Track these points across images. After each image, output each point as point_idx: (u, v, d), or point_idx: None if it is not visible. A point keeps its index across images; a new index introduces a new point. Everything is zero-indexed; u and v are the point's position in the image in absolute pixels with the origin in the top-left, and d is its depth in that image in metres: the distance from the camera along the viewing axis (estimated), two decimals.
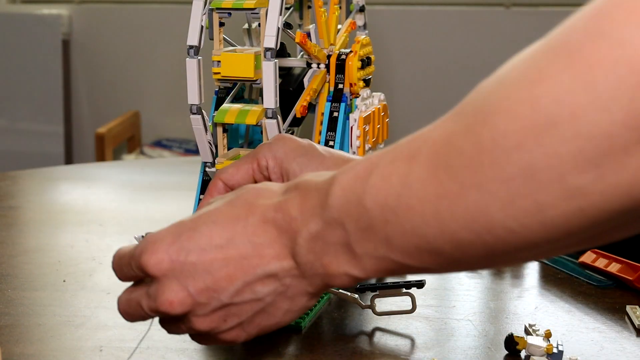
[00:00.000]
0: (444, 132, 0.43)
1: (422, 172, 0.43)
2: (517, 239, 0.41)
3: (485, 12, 2.40)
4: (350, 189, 0.46)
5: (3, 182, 1.08)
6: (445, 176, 0.42)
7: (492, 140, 0.40)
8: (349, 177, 0.47)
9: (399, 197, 0.44)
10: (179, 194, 1.04)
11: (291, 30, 0.70)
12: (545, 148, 0.38)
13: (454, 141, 0.42)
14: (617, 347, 0.65)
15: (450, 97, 2.52)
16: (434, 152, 0.42)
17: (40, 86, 2.60)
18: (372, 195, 0.45)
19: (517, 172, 0.39)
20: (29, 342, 0.64)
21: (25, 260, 0.82)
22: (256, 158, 0.61)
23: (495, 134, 0.40)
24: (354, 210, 0.46)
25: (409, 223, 0.44)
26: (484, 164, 0.40)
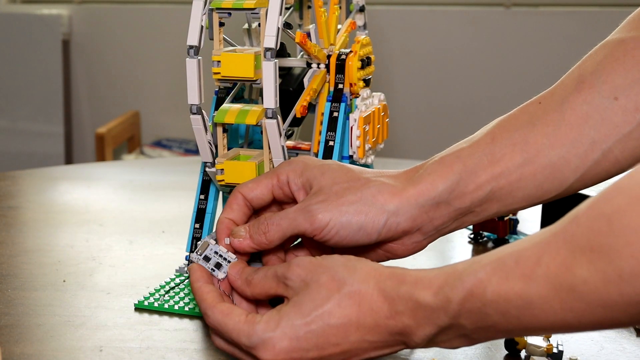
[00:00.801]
0: (559, 260, 0.47)
1: (541, 292, 0.48)
2: (623, 324, 0.48)
3: (485, 12, 2.40)
4: (468, 305, 0.51)
5: (3, 182, 1.08)
6: (569, 297, 0.47)
7: (619, 277, 0.45)
8: (462, 294, 0.51)
9: (521, 309, 0.49)
10: (179, 194, 1.04)
11: (291, 30, 0.70)
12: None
13: (575, 272, 0.46)
14: (617, 347, 0.65)
15: (450, 97, 2.52)
16: (553, 275, 0.47)
17: (40, 86, 2.60)
18: (493, 307, 0.50)
19: (631, 286, 0.44)
20: (29, 342, 0.64)
21: (25, 260, 0.82)
22: (276, 174, 0.63)
23: (622, 273, 0.44)
24: (474, 317, 0.51)
25: (531, 324, 0.49)
26: (611, 294, 0.45)
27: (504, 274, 0.49)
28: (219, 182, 0.71)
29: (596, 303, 0.46)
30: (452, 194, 0.61)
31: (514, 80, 2.38)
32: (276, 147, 0.68)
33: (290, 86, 0.74)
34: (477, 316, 0.50)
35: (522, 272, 0.48)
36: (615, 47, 0.64)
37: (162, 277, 0.76)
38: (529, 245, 0.49)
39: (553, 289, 0.47)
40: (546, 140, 0.61)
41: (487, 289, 0.50)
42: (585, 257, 0.46)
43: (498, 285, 0.49)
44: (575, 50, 2.48)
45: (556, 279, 0.47)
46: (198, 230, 0.74)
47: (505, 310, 0.49)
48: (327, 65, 0.73)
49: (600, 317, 0.46)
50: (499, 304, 0.49)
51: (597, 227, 0.45)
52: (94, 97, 2.69)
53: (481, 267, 0.50)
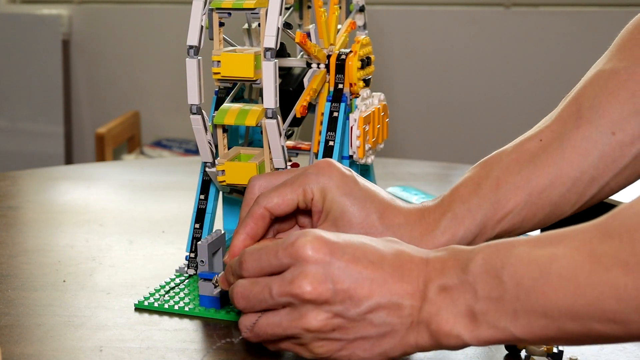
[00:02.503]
0: (589, 246, 0.48)
1: (561, 269, 0.48)
2: (621, 331, 0.47)
3: (485, 12, 2.40)
4: (491, 261, 0.51)
5: (3, 182, 1.08)
6: (585, 282, 0.47)
7: (637, 262, 0.46)
8: (491, 249, 0.52)
9: (535, 281, 0.49)
10: (179, 194, 1.04)
11: (291, 30, 0.70)
12: None
13: (598, 257, 0.47)
14: (617, 347, 0.65)
15: (450, 97, 2.52)
16: (579, 259, 0.48)
17: (40, 86, 2.60)
18: (510, 272, 0.50)
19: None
20: (29, 342, 0.64)
21: (25, 260, 0.82)
22: (303, 189, 0.62)
23: (637, 257, 0.46)
24: (490, 279, 0.51)
25: (540, 306, 0.49)
26: (628, 284, 0.46)
27: (535, 244, 0.50)
28: (220, 182, 0.71)
29: (609, 293, 0.46)
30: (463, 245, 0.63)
31: (514, 80, 2.38)
32: (276, 147, 0.68)
33: (290, 86, 0.74)
34: (492, 280, 0.50)
35: (550, 248, 0.49)
36: (609, 79, 0.66)
37: (162, 277, 0.76)
38: (567, 229, 0.50)
39: (573, 270, 0.48)
40: (548, 182, 0.64)
41: (513, 251, 0.50)
42: (612, 247, 0.47)
43: (524, 252, 0.50)
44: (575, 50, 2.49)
45: (580, 262, 0.47)
46: (198, 230, 0.74)
47: (520, 279, 0.49)
48: (327, 65, 0.73)
49: (609, 312, 0.46)
50: (517, 270, 0.49)
51: (630, 223, 0.47)
52: (94, 97, 2.69)
53: (518, 238, 0.52)
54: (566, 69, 2.28)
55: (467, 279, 0.52)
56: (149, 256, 0.83)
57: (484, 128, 2.41)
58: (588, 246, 0.48)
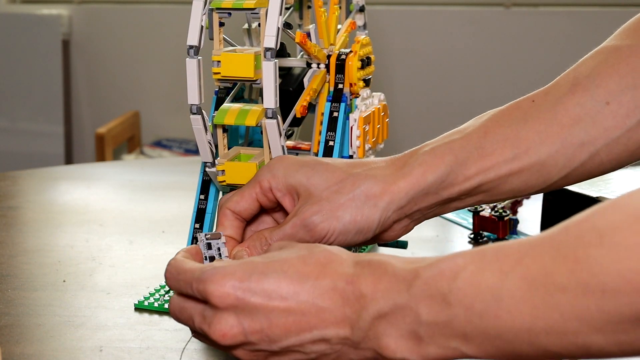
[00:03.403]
0: (540, 263, 0.45)
1: (514, 290, 0.46)
2: (602, 354, 0.45)
3: (485, 12, 2.40)
4: (434, 285, 0.48)
5: (3, 182, 1.08)
6: (542, 303, 0.45)
7: (601, 292, 0.43)
8: (433, 272, 0.49)
9: (488, 306, 0.46)
10: (179, 194, 1.04)
11: (291, 30, 0.70)
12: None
13: (553, 276, 0.45)
14: None
15: (450, 96, 2.52)
16: (531, 277, 0.45)
17: (40, 86, 2.60)
18: (459, 297, 0.47)
19: (620, 317, 0.43)
20: (29, 342, 0.64)
21: (25, 260, 0.82)
22: (257, 182, 0.63)
23: (605, 288, 0.43)
24: (435, 304, 0.48)
25: (493, 328, 0.46)
26: (590, 308, 0.44)
27: (481, 264, 0.47)
28: (220, 182, 0.71)
29: (571, 315, 0.44)
30: (441, 184, 0.62)
31: (514, 80, 2.38)
32: (276, 147, 0.68)
33: (290, 86, 0.73)
34: (438, 305, 0.48)
35: (499, 267, 0.46)
36: (611, 54, 0.65)
37: (162, 277, 0.76)
38: (514, 244, 0.47)
39: (527, 290, 0.45)
40: (537, 138, 0.63)
41: (459, 274, 0.47)
42: (567, 266, 0.44)
43: (472, 274, 0.47)
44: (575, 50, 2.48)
45: (533, 282, 0.45)
46: (198, 230, 0.74)
47: (470, 303, 0.47)
48: (327, 65, 0.73)
49: (572, 333, 0.44)
50: (466, 295, 0.47)
51: (587, 240, 0.44)
52: (94, 97, 2.69)
53: (461, 255, 0.49)
54: (566, 69, 2.28)
55: (407, 304, 0.49)
56: (149, 256, 0.83)
57: None
58: (540, 265, 0.45)
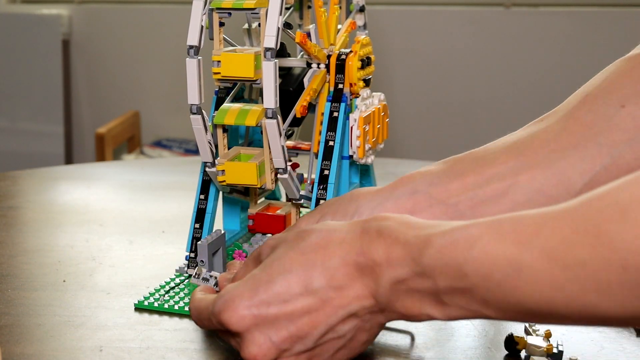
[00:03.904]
0: (560, 235, 0.45)
1: (534, 262, 0.45)
2: (620, 323, 0.46)
3: (485, 12, 2.40)
4: (449, 254, 0.48)
5: (3, 182, 1.08)
6: (562, 276, 0.44)
7: (622, 268, 0.43)
8: (447, 241, 0.48)
9: (507, 276, 0.46)
10: (179, 194, 1.04)
11: (291, 30, 0.70)
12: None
13: (573, 250, 0.44)
14: (617, 347, 0.65)
15: (450, 96, 2.52)
16: (550, 249, 0.45)
17: (40, 86, 2.60)
18: (475, 267, 0.47)
19: (635, 279, 0.43)
20: (29, 342, 0.64)
21: (25, 260, 0.82)
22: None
23: (626, 265, 0.43)
24: (451, 272, 0.48)
25: (513, 297, 0.46)
26: (611, 280, 0.43)
27: (498, 235, 0.46)
28: (220, 182, 0.71)
29: (591, 287, 0.44)
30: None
31: (514, 80, 2.38)
32: (276, 147, 0.68)
33: (290, 86, 0.73)
34: (454, 273, 0.47)
35: (517, 238, 0.46)
36: (622, 63, 0.62)
37: (162, 277, 0.76)
38: (532, 215, 0.47)
39: (547, 262, 0.44)
40: (547, 148, 0.59)
41: (475, 244, 0.47)
42: (588, 241, 0.44)
43: (488, 244, 0.46)
44: (575, 50, 2.49)
45: (552, 254, 0.44)
46: (198, 230, 0.74)
47: (488, 273, 0.46)
48: (327, 65, 0.73)
49: (591, 305, 0.44)
50: (483, 265, 0.46)
51: (609, 214, 0.43)
52: (94, 97, 2.69)
53: (475, 225, 0.48)
54: (566, 69, 2.28)
55: (423, 271, 0.49)
56: (149, 256, 0.83)
57: (484, 128, 2.41)
58: (560, 238, 0.45)
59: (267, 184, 0.71)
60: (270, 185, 0.71)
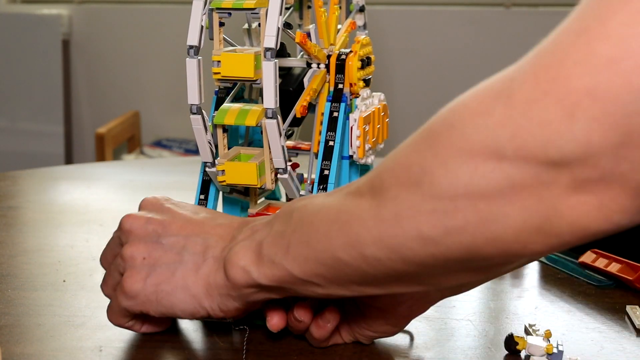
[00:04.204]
0: (355, 198, 0.51)
1: (331, 204, 0.52)
2: (383, 268, 0.50)
3: (485, 12, 2.40)
4: (291, 205, 0.56)
5: (3, 182, 1.09)
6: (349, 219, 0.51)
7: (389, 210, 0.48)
8: (299, 200, 0.57)
9: (312, 215, 0.53)
10: (179, 194, 1.03)
11: (291, 30, 0.70)
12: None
13: (357, 207, 0.50)
14: (617, 347, 0.65)
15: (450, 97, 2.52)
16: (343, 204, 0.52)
17: (40, 86, 2.60)
18: (300, 211, 0.54)
19: (390, 216, 0.48)
20: (29, 342, 0.64)
21: (25, 260, 0.82)
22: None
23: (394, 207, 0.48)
24: (283, 218, 0.56)
25: (306, 235, 0.53)
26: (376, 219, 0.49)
27: (328, 196, 0.54)
28: (220, 182, 0.71)
29: (364, 235, 0.49)
30: None
31: None
32: (276, 147, 0.68)
33: (290, 86, 0.73)
34: (284, 218, 0.55)
35: (340, 191, 0.53)
36: None
37: None
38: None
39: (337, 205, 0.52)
40: None
41: (312, 199, 0.55)
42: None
43: (318, 198, 0.55)
44: None
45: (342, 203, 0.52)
46: None
47: (303, 215, 0.54)
48: (327, 65, 0.73)
49: (363, 243, 0.49)
50: (307, 209, 0.54)
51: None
52: (94, 97, 2.69)
53: (310, 195, 0.57)
54: None
55: (270, 220, 0.57)
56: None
57: None
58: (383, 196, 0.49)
59: (267, 184, 0.71)
60: (270, 185, 0.71)
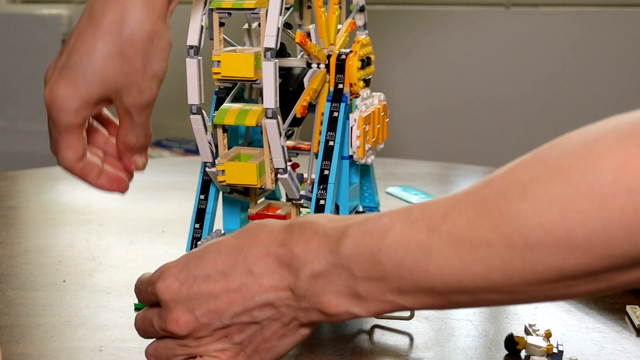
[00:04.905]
0: (466, 218, 0.47)
1: (442, 246, 0.47)
2: (527, 302, 0.49)
3: (485, 12, 2.40)
4: (364, 244, 0.50)
5: (3, 182, 1.08)
6: (469, 258, 0.47)
7: (524, 244, 0.45)
8: (362, 231, 0.50)
9: (418, 261, 0.48)
10: (179, 194, 1.04)
11: (291, 30, 0.70)
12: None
13: (478, 230, 0.46)
14: (617, 347, 0.65)
15: (450, 96, 2.52)
16: (457, 233, 0.47)
17: (40, 86, 2.58)
18: (389, 254, 0.49)
19: (543, 271, 0.45)
20: (29, 342, 0.64)
21: (25, 260, 0.82)
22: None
23: (527, 241, 0.45)
24: (366, 262, 0.50)
25: (425, 282, 0.48)
26: (514, 260, 0.45)
27: (409, 222, 0.49)
28: (220, 182, 0.71)
29: (496, 267, 0.46)
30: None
31: (513, 80, 2.38)
32: (276, 147, 0.68)
33: (290, 86, 0.73)
34: (369, 262, 0.49)
35: (427, 224, 0.48)
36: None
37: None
38: (440, 201, 0.49)
39: (454, 245, 0.47)
40: None
41: (388, 233, 0.49)
42: (491, 220, 0.45)
43: (400, 232, 0.49)
44: (575, 50, 2.49)
45: (459, 237, 0.46)
46: (198, 230, 0.74)
47: (400, 260, 0.48)
48: (327, 65, 0.73)
49: (499, 283, 0.46)
50: (396, 252, 0.49)
51: (510, 193, 0.45)
52: None
53: (388, 214, 0.50)
54: (566, 69, 2.28)
55: (340, 262, 0.50)
56: (149, 256, 0.83)
57: (484, 128, 2.41)
58: (466, 220, 0.47)
59: (267, 184, 0.71)
60: (270, 185, 0.71)
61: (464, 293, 0.48)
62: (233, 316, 0.54)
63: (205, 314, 0.54)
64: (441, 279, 0.48)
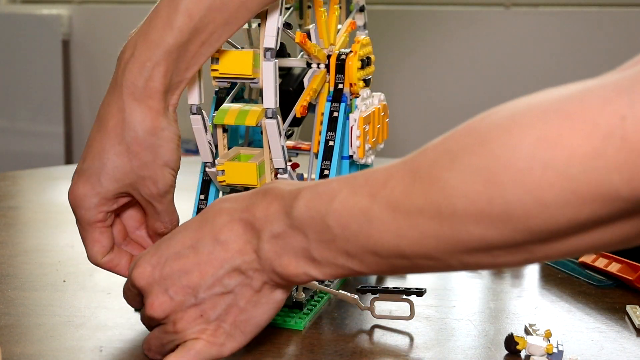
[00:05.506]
0: (402, 186, 0.48)
1: (381, 212, 0.49)
2: (451, 266, 0.50)
3: (485, 12, 2.40)
4: (314, 207, 0.52)
5: (3, 182, 1.08)
6: (405, 224, 0.48)
7: (451, 213, 0.46)
8: (312, 194, 0.52)
9: (360, 226, 0.50)
10: (179, 194, 1.03)
11: (291, 30, 0.70)
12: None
13: (412, 198, 0.48)
14: (617, 347, 0.65)
15: (450, 97, 2.52)
16: (394, 200, 0.48)
17: (40, 86, 2.60)
18: (335, 218, 0.51)
19: (468, 240, 0.46)
20: (29, 342, 0.64)
21: (25, 260, 0.82)
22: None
23: (455, 210, 0.46)
24: (317, 225, 0.52)
25: (368, 246, 0.50)
26: (443, 228, 0.47)
27: (353, 188, 0.51)
28: (220, 182, 0.71)
29: (428, 234, 0.47)
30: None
31: (513, 80, 2.38)
32: (276, 147, 0.68)
33: (290, 86, 0.73)
34: (319, 225, 0.51)
35: (369, 190, 0.50)
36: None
37: None
38: (383, 168, 0.51)
39: (392, 212, 0.48)
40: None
41: (335, 197, 0.51)
42: (423, 188, 0.47)
43: (345, 197, 0.51)
44: (575, 50, 2.49)
45: (396, 204, 0.48)
46: None
47: (346, 223, 0.50)
48: (327, 65, 0.73)
49: (432, 250, 0.48)
50: (342, 216, 0.50)
51: (441, 161, 0.47)
52: (94, 97, 2.69)
53: (336, 180, 0.52)
54: (566, 69, 2.28)
55: (294, 224, 0.53)
56: None
57: None
58: (402, 188, 0.48)
59: None
60: None
61: (403, 258, 0.50)
62: (205, 289, 0.56)
63: (178, 291, 0.56)
64: (382, 244, 0.49)
